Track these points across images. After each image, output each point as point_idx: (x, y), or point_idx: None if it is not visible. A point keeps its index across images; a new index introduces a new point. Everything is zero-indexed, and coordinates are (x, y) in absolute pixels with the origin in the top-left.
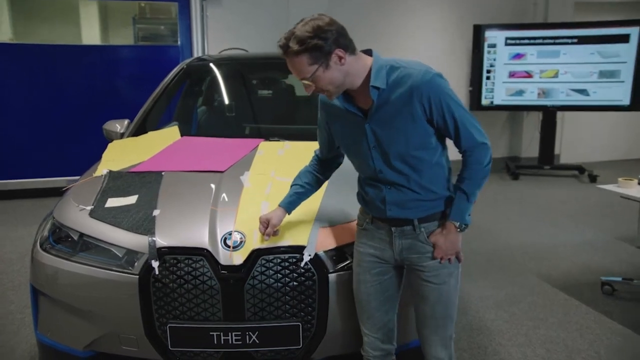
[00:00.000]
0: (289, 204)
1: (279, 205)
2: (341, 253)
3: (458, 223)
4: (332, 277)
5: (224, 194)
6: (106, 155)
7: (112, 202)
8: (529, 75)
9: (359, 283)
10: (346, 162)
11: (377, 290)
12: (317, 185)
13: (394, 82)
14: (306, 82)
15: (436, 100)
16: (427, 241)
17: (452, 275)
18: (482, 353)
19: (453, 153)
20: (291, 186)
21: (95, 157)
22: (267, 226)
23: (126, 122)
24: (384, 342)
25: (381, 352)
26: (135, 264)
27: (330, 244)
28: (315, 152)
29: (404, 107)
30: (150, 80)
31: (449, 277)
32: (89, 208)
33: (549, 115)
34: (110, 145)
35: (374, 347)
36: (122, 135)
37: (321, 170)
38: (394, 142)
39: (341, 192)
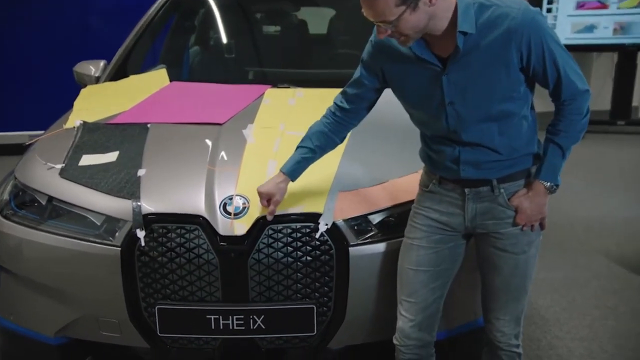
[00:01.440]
0: (294, 172)
1: (281, 172)
2: (365, 222)
3: (549, 183)
4: (353, 251)
5: (223, 151)
6: (78, 103)
7: (88, 160)
8: (602, 5)
9: (410, 250)
10: (372, 111)
11: (431, 260)
12: (329, 148)
13: (486, 24)
14: (384, 25)
15: (537, 44)
16: (508, 205)
17: (533, 244)
18: (535, 347)
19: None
20: (297, 148)
21: (65, 107)
22: (268, 201)
23: (102, 63)
24: (422, 329)
25: (417, 342)
26: (117, 233)
27: (352, 211)
28: (335, 102)
29: (498, 54)
30: (132, 13)
31: (529, 246)
32: (58, 166)
33: (627, 56)
34: (83, 91)
35: (409, 333)
36: (97, 80)
37: (338, 128)
38: (476, 96)
39: (366, 147)
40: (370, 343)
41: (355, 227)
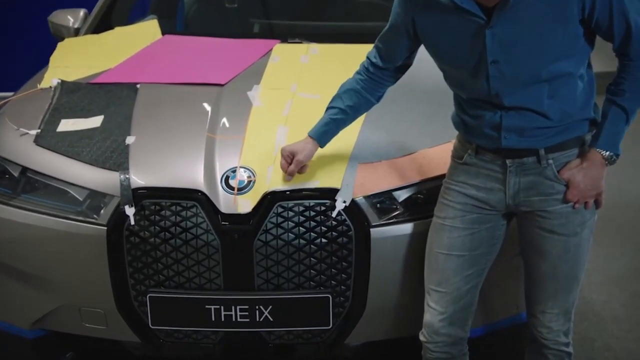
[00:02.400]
0: (323, 135)
1: (309, 136)
2: (389, 200)
3: (607, 153)
4: (375, 232)
5: (224, 117)
6: (55, 59)
7: (67, 125)
8: None
9: (441, 231)
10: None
11: (465, 243)
12: (363, 109)
13: None
14: None
15: None
16: (557, 178)
17: (586, 225)
18: (588, 347)
19: None
20: (327, 110)
21: (39, 63)
22: (291, 162)
23: (82, 12)
24: (453, 324)
25: (447, 338)
26: (102, 211)
27: (374, 186)
28: (369, 56)
29: (554, 3)
30: None
31: (582, 228)
32: (33, 132)
33: None
34: (60, 45)
35: (438, 328)
36: (77, 32)
37: (373, 86)
38: (525, 54)
39: (390, 112)
40: (393, 339)
41: (378, 205)
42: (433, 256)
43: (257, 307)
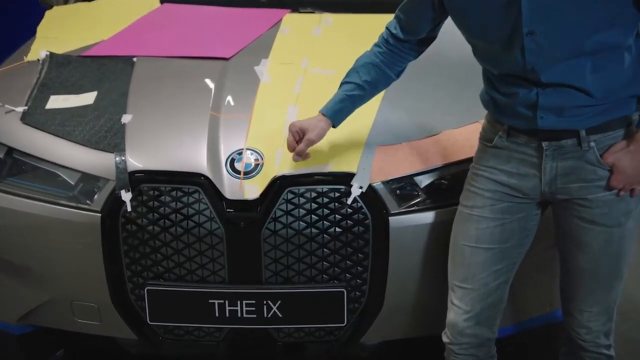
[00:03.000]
0: (337, 113)
1: (321, 113)
2: (410, 185)
3: None
4: (394, 221)
5: (229, 94)
6: (43, 29)
7: (57, 102)
8: None
9: (467, 221)
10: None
11: (495, 234)
12: (382, 86)
13: None
14: None
15: None
16: (600, 162)
17: (631, 215)
18: (631, 350)
19: None
20: (341, 85)
21: (25, 33)
22: (300, 140)
23: None
24: (480, 323)
25: (473, 339)
26: (96, 196)
27: (394, 170)
28: (388, 27)
29: None
30: None
31: (626, 218)
32: (20, 110)
33: None
34: (48, 13)
35: (462, 328)
36: (66, 0)
37: (393, 59)
38: (566, 24)
39: (412, 89)
40: (413, 338)
41: (398, 191)
42: (458, 249)
43: (264, 302)
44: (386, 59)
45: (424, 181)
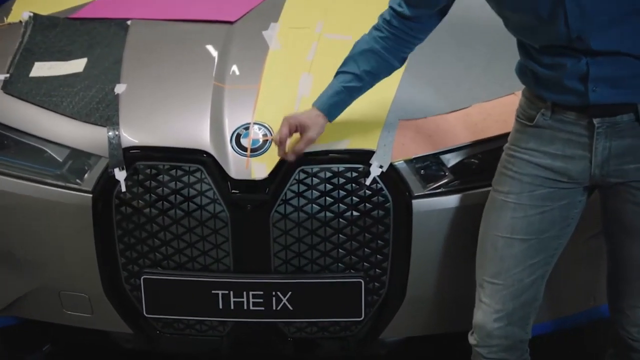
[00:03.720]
0: (332, 107)
1: (315, 107)
2: (436, 165)
3: None
4: (418, 204)
5: (235, 62)
6: None
7: (42, 69)
8: None
9: (501, 209)
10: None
11: (533, 224)
12: (383, 75)
13: None
14: None
15: None
16: None
17: None
18: None
19: None
20: (337, 75)
21: None
22: (293, 132)
23: None
24: (512, 324)
25: (504, 341)
26: (86, 175)
27: (417, 148)
28: (391, 5)
29: None
30: None
31: None
32: (1, 78)
33: None
34: None
35: (491, 330)
36: None
37: (397, 44)
38: None
39: (438, 57)
40: (437, 335)
41: (422, 171)
42: (489, 240)
43: (273, 293)
44: (388, 45)
45: (451, 160)
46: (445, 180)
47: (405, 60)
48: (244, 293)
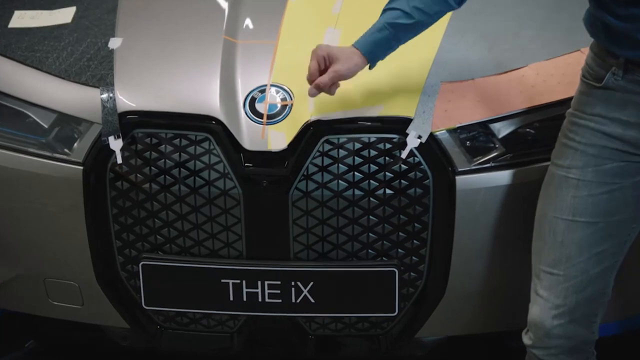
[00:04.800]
0: (375, 46)
1: (355, 47)
2: (484, 135)
3: None
4: (462, 181)
5: (249, 13)
6: None
7: (23, 19)
8: None
9: (562, 186)
10: None
11: (599, 205)
12: (437, 15)
13: None
14: None
15: None
16: None
17: None
18: None
19: None
20: (384, 12)
21: None
22: (324, 67)
23: None
24: (575, 322)
25: (565, 342)
26: (76, 143)
27: (462, 116)
28: None
29: None
30: None
31: None
32: None
33: None
34: None
35: (550, 328)
36: None
37: None
38: None
39: (485, 12)
40: (484, 335)
41: (468, 142)
42: (548, 223)
43: (292, 283)
44: None
45: (502, 130)
46: (495, 154)
47: (465, 1)
48: (259, 283)
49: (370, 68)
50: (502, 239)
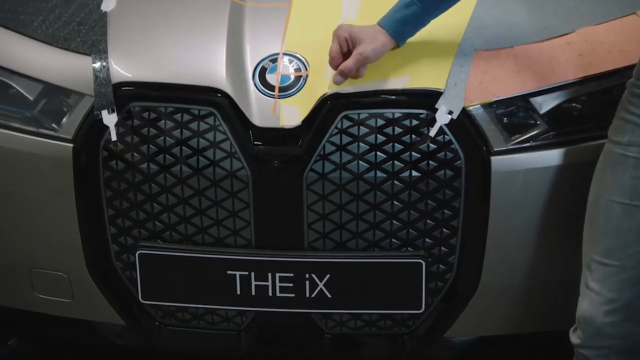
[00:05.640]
0: (399, 24)
1: (380, 26)
2: (523, 111)
3: None
4: (499, 162)
5: None
6: None
7: None
8: None
9: (620, 166)
10: None
11: None
12: None
13: None
14: None
15: None
16: None
17: None
18: None
19: None
20: None
21: None
22: (346, 51)
23: None
24: (631, 319)
25: (618, 342)
26: (65, 118)
27: (499, 89)
28: None
29: None
30: None
31: None
32: None
33: None
34: None
35: (602, 325)
36: None
37: None
38: None
39: None
40: (522, 335)
41: (505, 118)
42: (602, 207)
43: (307, 275)
44: None
45: (545, 104)
46: (537, 131)
47: None
48: (269, 275)
49: (399, 47)
50: (544, 227)
